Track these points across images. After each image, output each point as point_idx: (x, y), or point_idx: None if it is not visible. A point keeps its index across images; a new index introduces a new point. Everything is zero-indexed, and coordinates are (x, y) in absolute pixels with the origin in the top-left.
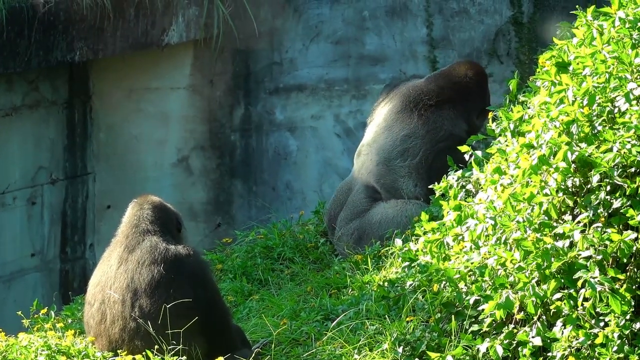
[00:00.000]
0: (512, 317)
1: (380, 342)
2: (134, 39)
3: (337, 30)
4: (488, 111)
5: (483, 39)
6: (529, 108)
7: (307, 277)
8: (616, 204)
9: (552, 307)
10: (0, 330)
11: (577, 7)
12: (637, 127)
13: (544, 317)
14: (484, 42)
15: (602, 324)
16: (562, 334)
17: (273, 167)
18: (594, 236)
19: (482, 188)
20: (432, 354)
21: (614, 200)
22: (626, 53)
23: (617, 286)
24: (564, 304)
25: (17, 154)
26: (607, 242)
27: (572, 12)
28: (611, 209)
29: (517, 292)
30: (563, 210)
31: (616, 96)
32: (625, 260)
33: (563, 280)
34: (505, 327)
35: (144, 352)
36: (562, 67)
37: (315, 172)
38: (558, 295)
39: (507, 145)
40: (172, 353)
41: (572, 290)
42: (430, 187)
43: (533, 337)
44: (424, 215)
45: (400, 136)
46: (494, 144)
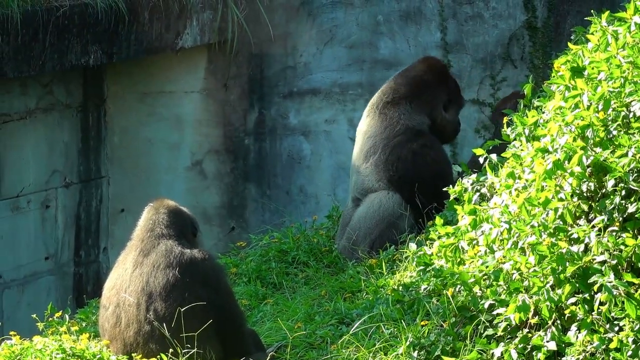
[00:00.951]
0: (526, 322)
1: (395, 346)
2: (148, 43)
3: (351, 35)
4: (458, 103)
5: (497, 44)
6: (543, 113)
7: (322, 281)
8: (631, 208)
9: (567, 312)
10: (15, 333)
11: (591, 12)
12: None
13: (559, 321)
14: (498, 47)
15: (616, 329)
16: (577, 338)
17: (287, 171)
18: (608, 240)
19: (497, 192)
20: (447, 358)
21: (629, 204)
22: None
23: (632, 291)
24: (579, 308)
25: (31, 158)
26: (622, 247)
27: (586, 17)
28: (626, 214)
29: (532, 297)
30: (578, 214)
31: (631, 101)
32: None
33: (578, 285)
34: (520, 332)
35: (159, 356)
36: (577, 71)
37: (328, 176)
38: (573, 300)
39: (521, 150)
40: (186, 356)
41: (586, 295)
42: (389, 179)
43: (548, 342)
44: (439, 220)
45: (365, 139)
46: (509, 149)
